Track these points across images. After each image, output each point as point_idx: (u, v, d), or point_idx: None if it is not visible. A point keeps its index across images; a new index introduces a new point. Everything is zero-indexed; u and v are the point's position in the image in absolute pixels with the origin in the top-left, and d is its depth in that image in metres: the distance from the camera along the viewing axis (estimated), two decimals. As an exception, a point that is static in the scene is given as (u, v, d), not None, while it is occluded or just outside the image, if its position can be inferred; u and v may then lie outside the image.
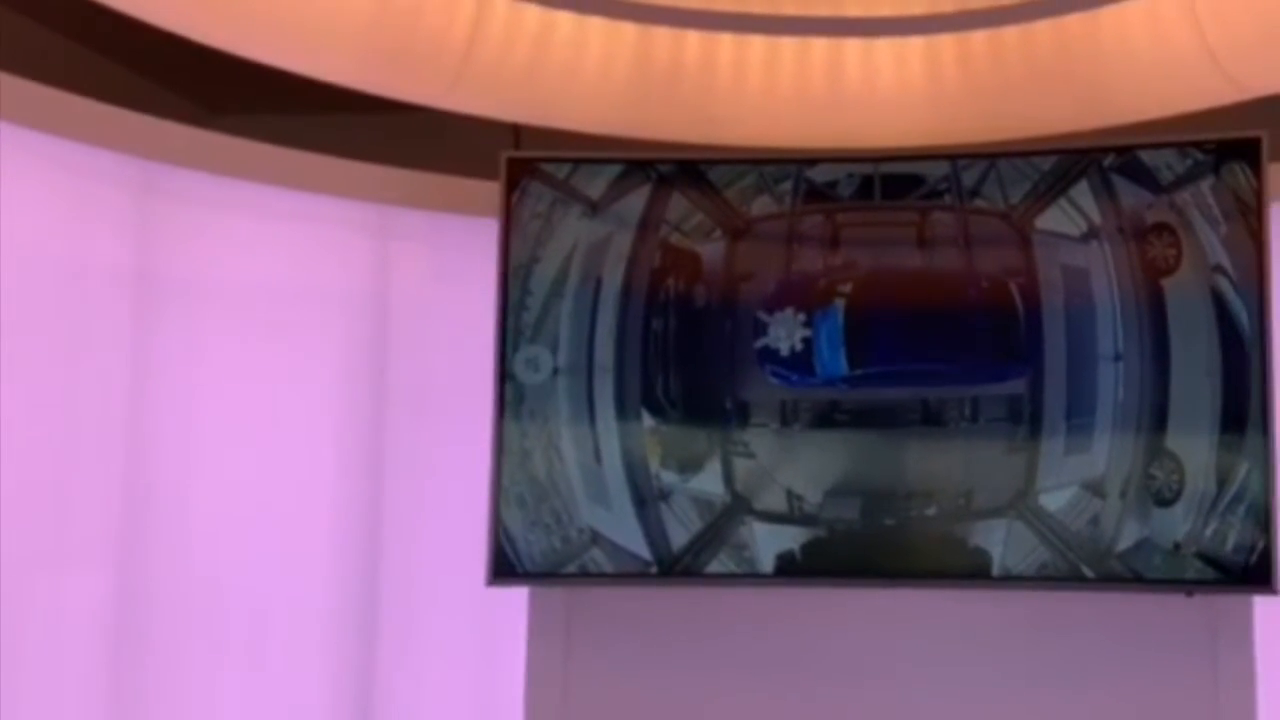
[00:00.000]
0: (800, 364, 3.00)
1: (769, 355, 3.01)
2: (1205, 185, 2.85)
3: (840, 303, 2.99)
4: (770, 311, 3.01)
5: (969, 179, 2.99)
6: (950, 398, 2.93)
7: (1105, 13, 2.68)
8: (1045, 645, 3.00)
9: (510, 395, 3.08)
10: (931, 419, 2.95)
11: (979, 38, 2.82)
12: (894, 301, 2.99)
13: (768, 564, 2.99)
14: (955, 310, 2.97)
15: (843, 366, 2.99)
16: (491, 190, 3.14)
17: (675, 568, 3.03)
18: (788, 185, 3.06)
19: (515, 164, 3.13)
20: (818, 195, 3.05)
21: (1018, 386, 2.91)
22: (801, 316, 3.00)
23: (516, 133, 3.28)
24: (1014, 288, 2.92)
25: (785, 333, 3.00)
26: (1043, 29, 2.75)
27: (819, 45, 2.90)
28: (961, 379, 2.94)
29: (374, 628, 3.18)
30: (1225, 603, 2.90)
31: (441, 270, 3.32)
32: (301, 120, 3.37)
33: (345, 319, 3.20)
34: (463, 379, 3.20)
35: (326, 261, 3.19)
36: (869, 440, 2.98)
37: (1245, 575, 2.76)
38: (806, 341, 2.99)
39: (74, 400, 2.79)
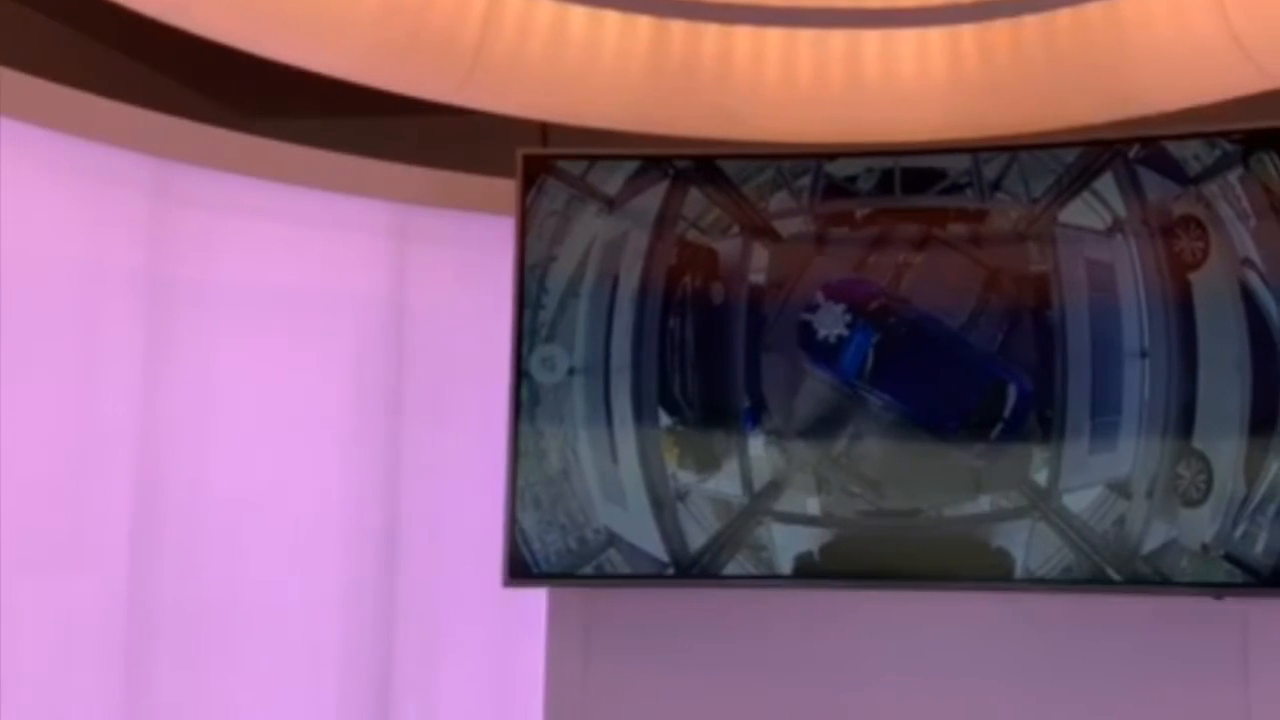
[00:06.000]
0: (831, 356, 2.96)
1: (808, 334, 2.95)
2: (1233, 176, 2.77)
3: (867, 327, 2.95)
4: (821, 304, 2.96)
5: (991, 172, 2.93)
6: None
7: (1127, 1, 2.61)
8: (1071, 649, 2.93)
9: (526, 395, 3.05)
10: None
11: (1000, 28, 2.76)
12: (914, 340, 2.94)
13: (786, 565, 2.94)
14: (968, 376, 2.90)
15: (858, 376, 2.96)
16: (510, 188, 3.12)
17: (692, 569, 2.98)
18: (806, 180, 3.01)
19: (531, 161, 3.10)
20: (837, 190, 3.00)
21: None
22: (848, 317, 2.95)
23: (544, 131, 3.25)
24: (1035, 350, 2.85)
25: (831, 320, 2.95)
26: (1064, 18, 2.68)
27: (837, 37, 2.85)
28: (962, 440, 2.89)
29: (390, 631, 3.16)
30: (1256, 606, 2.83)
31: (460, 269, 3.30)
32: (329, 123, 3.36)
33: (363, 319, 3.19)
34: (481, 378, 3.17)
35: (344, 261, 3.17)
36: (889, 440, 2.93)
37: (1275, 578, 2.68)
38: (840, 339, 2.95)
39: (85, 403, 2.77)
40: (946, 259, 2.94)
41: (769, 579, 2.96)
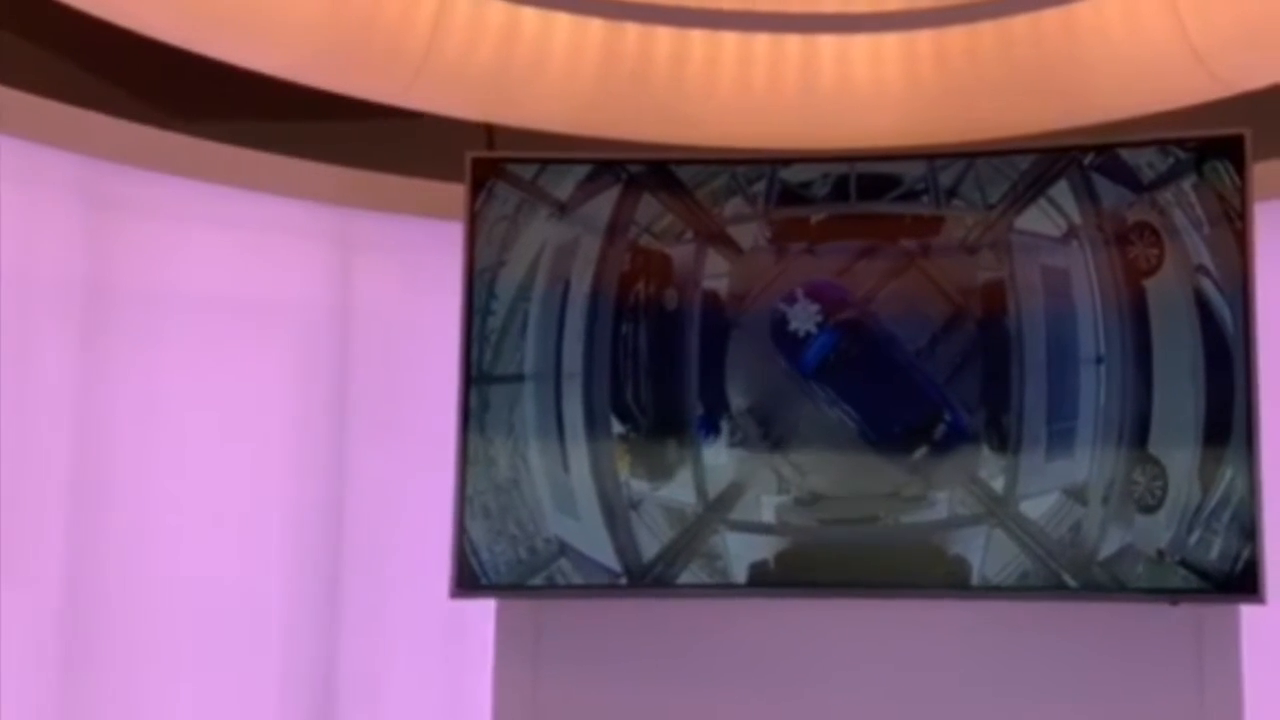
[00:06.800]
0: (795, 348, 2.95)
1: (780, 323, 2.93)
2: (1187, 184, 2.79)
3: (834, 331, 2.93)
4: (799, 298, 2.94)
5: (947, 179, 2.92)
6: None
7: (1083, 8, 2.61)
8: (1027, 656, 2.93)
9: (476, 402, 2.99)
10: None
11: (956, 34, 2.75)
12: (871, 354, 2.93)
13: (740, 574, 2.91)
14: (912, 398, 2.90)
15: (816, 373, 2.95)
16: (458, 192, 3.06)
17: (645, 579, 2.94)
18: (761, 186, 2.99)
19: (480, 164, 3.04)
20: (791, 196, 2.98)
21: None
22: (819, 318, 2.93)
23: (490, 134, 3.20)
24: (985, 372, 2.85)
25: (806, 316, 2.93)
26: (1020, 24, 2.68)
27: (793, 42, 2.83)
28: (898, 451, 2.89)
29: (336, 642, 3.09)
30: (1211, 612, 2.84)
31: (407, 274, 3.23)
32: (271, 125, 3.27)
33: (307, 325, 3.12)
34: (429, 386, 3.11)
35: (287, 266, 3.11)
36: (844, 448, 2.91)
37: (1230, 584, 2.70)
38: (808, 335, 2.94)
39: (19, 412, 2.68)
40: (918, 282, 2.91)
41: (723, 588, 2.93)
